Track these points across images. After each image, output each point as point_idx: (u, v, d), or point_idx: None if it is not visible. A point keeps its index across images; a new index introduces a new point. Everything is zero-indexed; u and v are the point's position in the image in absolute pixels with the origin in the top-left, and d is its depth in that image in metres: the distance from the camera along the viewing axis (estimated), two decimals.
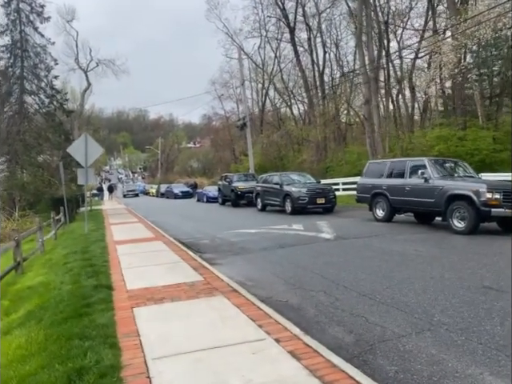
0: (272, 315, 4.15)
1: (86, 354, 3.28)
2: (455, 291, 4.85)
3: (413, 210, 11.13)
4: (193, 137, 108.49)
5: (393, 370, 3.11)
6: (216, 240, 10.14)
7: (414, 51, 24.29)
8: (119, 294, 5.22)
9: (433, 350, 3.38)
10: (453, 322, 3.92)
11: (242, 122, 29.34)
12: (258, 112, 44.61)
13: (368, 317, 4.22)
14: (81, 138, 12.09)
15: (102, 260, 7.48)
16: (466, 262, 6.35)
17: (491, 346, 3.35)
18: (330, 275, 5.99)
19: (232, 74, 45.84)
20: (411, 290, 5.00)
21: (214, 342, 3.51)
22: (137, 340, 3.65)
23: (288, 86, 40.16)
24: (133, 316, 4.33)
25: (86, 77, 42.04)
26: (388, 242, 8.53)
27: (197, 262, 7.11)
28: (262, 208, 18.05)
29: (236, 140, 50.68)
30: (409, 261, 6.64)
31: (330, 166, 27.56)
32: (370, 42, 22.03)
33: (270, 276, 6.27)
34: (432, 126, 26.22)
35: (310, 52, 32.30)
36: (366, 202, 12.39)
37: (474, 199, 8.71)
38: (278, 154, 34.71)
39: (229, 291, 5.13)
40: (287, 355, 3.21)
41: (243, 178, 23.75)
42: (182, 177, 66.75)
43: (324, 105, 30.16)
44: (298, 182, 16.58)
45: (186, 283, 5.63)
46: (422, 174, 10.13)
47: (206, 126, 74.98)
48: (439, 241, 8.40)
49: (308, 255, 7.57)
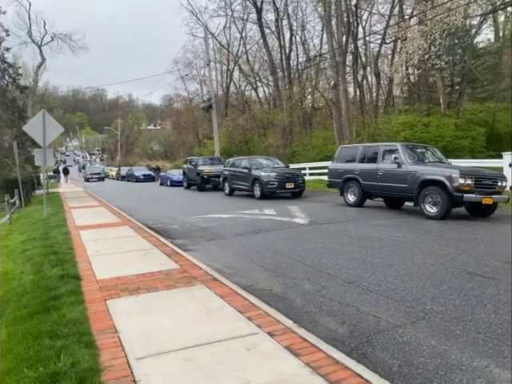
0: (260, 306, 3.90)
1: (59, 355, 2.89)
2: (441, 278, 4.80)
3: (385, 195, 11.19)
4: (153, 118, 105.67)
5: (395, 363, 2.95)
6: (186, 225, 9.76)
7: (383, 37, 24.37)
8: (89, 284, 4.80)
9: (432, 340, 3.25)
10: (446, 311, 3.82)
11: (207, 104, 28.63)
12: (222, 94, 43.80)
13: (359, 306, 4.06)
14: (38, 115, 11.20)
15: (66, 247, 6.95)
16: (445, 247, 6.36)
17: (491, 336, 3.27)
18: (310, 262, 5.82)
19: (196, 53, 44.66)
20: (397, 277, 4.90)
21: (202, 338, 3.22)
22: (115, 337, 3.30)
23: (254, 68, 39.59)
24: (107, 309, 3.95)
25: (40, 51, 39.48)
26: (363, 227, 8.48)
27: (169, 249, 6.74)
28: (229, 192, 17.74)
29: (200, 123, 49.76)
30: (388, 246, 6.58)
31: (297, 151, 27.50)
32: (339, 26, 21.87)
33: (248, 263, 6.02)
34: (396, 112, 26.69)
35: (277, 34, 31.80)
36: (338, 187, 12.35)
37: (446, 184, 8.80)
38: (244, 138, 34.29)
39: (209, 280, 4.84)
40: (285, 351, 2.98)
41: (209, 161, 23.26)
42: (143, 159, 65.02)
43: (290, 88, 29.87)
44: (267, 167, 16.36)
45: (161, 271, 5.28)
46: (395, 159, 10.14)
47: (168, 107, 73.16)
48: (413, 226, 8.44)
49: (285, 241, 7.38)
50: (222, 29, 39.15)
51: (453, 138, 19.98)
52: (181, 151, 58.03)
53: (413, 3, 23.29)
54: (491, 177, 9.33)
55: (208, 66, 29.63)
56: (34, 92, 38.34)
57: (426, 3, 17.26)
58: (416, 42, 16.13)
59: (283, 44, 31.95)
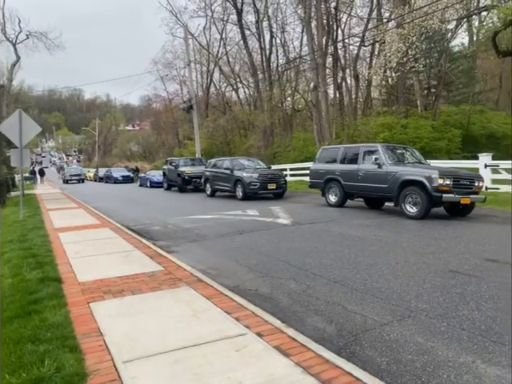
0: (247, 306, 3.88)
1: (42, 360, 2.80)
2: (424, 276, 4.87)
3: (365, 196, 11.32)
4: (132, 119, 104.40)
5: (384, 361, 2.97)
6: (168, 226, 9.65)
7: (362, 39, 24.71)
8: (71, 287, 4.68)
9: (419, 338, 3.29)
10: (430, 308, 3.88)
11: (187, 105, 28.42)
12: (202, 95, 43.61)
13: (345, 305, 4.09)
14: (14, 114, 10.89)
15: (45, 249, 6.76)
16: (426, 246, 6.48)
17: (475, 332, 3.33)
18: (295, 261, 5.83)
19: (176, 54, 44.43)
20: (381, 276, 4.95)
21: (190, 340, 3.17)
22: (100, 340, 3.22)
23: (234, 70, 39.56)
24: (91, 312, 3.86)
25: (15, 49, 38.46)
26: (345, 227, 8.56)
27: (152, 250, 6.65)
28: (211, 193, 17.65)
29: (180, 123, 49.42)
30: (370, 246, 6.65)
31: (278, 152, 27.60)
32: (319, 28, 22.06)
33: (232, 264, 5.98)
34: (375, 113, 27.10)
35: (257, 36, 31.85)
36: (319, 188, 12.44)
37: (426, 185, 8.97)
38: (225, 139, 34.20)
39: (194, 281, 4.78)
40: (274, 351, 2.96)
41: (190, 162, 23.09)
42: (122, 160, 64.19)
43: (271, 90, 29.96)
44: (249, 168, 16.35)
45: (144, 273, 5.19)
46: (375, 160, 10.28)
47: (147, 108, 72.34)
48: (394, 226, 8.57)
49: (268, 241, 7.37)
50: (202, 29, 39.11)
51: (430, 139, 20.43)
52: (160, 152, 57.50)
53: (391, 7, 23.72)
54: (469, 177, 9.56)
55: (188, 66, 29.44)
56: (8, 91, 37.31)
57: (404, 7, 17.58)
58: (394, 44, 16.41)
59: (263, 46, 32.03)
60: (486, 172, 13.08)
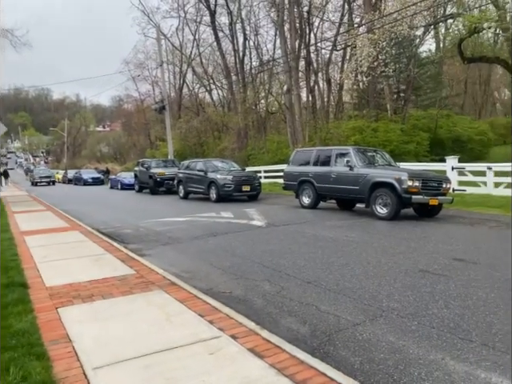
0: (221, 309, 3.85)
1: (7, 368, 2.69)
2: (395, 276, 4.97)
3: (338, 197, 11.48)
4: (102, 120, 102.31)
5: (357, 360, 3.00)
6: (140, 229, 9.48)
7: (334, 43, 25.10)
8: (38, 292, 4.52)
9: (390, 337, 3.35)
10: (401, 307, 3.96)
11: (160, 105, 28.08)
12: (175, 96, 43.21)
13: (318, 305, 4.12)
14: None
15: (10, 253, 6.52)
16: (397, 246, 6.62)
17: (444, 330, 3.42)
18: (269, 263, 5.83)
19: (148, 54, 43.85)
20: (354, 276, 5.02)
21: (163, 344, 3.11)
22: (69, 347, 3.12)
23: (207, 71, 39.39)
24: (59, 318, 3.73)
25: None
26: (318, 228, 8.65)
27: (123, 254, 6.51)
28: (184, 196, 17.47)
29: (152, 124, 48.76)
30: (342, 247, 6.74)
31: (252, 154, 27.64)
32: (292, 31, 22.26)
33: (206, 266, 5.93)
34: (346, 117, 27.57)
35: (230, 38, 31.84)
36: (293, 190, 12.53)
37: (396, 186, 9.18)
38: (198, 141, 33.98)
39: (167, 284, 4.71)
40: (249, 353, 2.94)
41: (162, 164, 22.81)
42: (91, 162, 62.71)
43: (244, 92, 30.00)
44: (223, 169, 16.27)
45: (115, 277, 5.07)
46: (347, 163, 10.44)
47: (118, 108, 71.07)
48: (365, 226, 8.72)
49: (243, 243, 7.36)
50: (175, 30, 38.78)
51: (399, 142, 20.93)
52: (132, 153, 56.58)
53: (362, 12, 24.21)
54: (437, 179, 9.85)
55: (160, 67, 29.11)
56: None
57: (374, 13, 17.98)
58: (365, 49, 16.75)
59: (237, 48, 32.04)
60: (453, 174, 13.50)
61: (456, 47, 16.47)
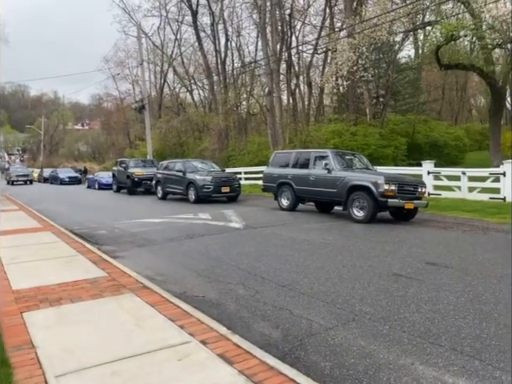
0: (193, 313, 3.78)
1: None
2: (369, 279, 5.00)
3: (316, 200, 11.52)
4: (81, 118, 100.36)
5: (327, 366, 2.99)
6: (115, 231, 9.30)
7: (315, 47, 25.27)
8: (3, 295, 4.36)
9: (362, 341, 3.35)
10: (374, 311, 3.97)
11: (139, 105, 27.73)
12: (155, 95, 42.76)
13: (292, 309, 4.09)
14: None
15: None
16: (372, 249, 6.67)
17: (414, 334, 3.43)
18: (245, 266, 5.79)
19: (128, 53, 43.27)
20: (328, 280, 5.03)
21: (130, 350, 3.03)
22: (32, 353, 3.00)
23: (189, 71, 39.12)
24: (23, 323, 3.61)
25: None
26: (296, 230, 8.65)
27: (96, 255, 6.36)
28: (162, 196, 17.27)
29: (131, 123, 48.17)
30: (319, 249, 6.75)
31: (232, 155, 27.55)
32: (273, 33, 22.31)
33: (180, 269, 5.85)
34: (326, 120, 27.80)
35: (212, 38, 31.70)
36: (272, 191, 12.53)
37: (372, 190, 9.26)
38: (178, 141, 33.68)
39: (139, 288, 4.62)
40: (218, 359, 2.89)
41: (141, 163, 22.52)
42: (69, 161, 61.49)
43: (226, 93, 29.91)
44: (202, 170, 16.17)
45: (86, 280, 4.95)
46: (325, 165, 10.49)
47: (97, 107, 69.92)
48: (342, 229, 8.77)
49: (219, 245, 7.29)
50: (157, 29, 38.34)
51: (377, 146, 21.20)
52: (110, 153, 55.77)
53: (343, 17, 24.46)
54: (412, 183, 9.99)
55: (141, 65, 28.74)
56: None
57: (355, 17, 18.19)
58: (345, 53, 16.92)
59: (219, 48, 31.92)
60: (429, 178, 13.73)
61: (433, 54, 16.79)
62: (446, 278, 5.04)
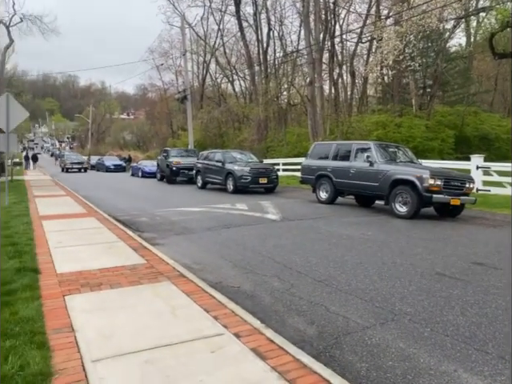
0: (227, 305, 3.77)
1: (6, 357, 2.67)
2: (410, 278, 4.80)
3: (356, 193, 11.24)
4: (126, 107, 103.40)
5: (364, 367, 2.88)
6: (156, 218, 9.50)
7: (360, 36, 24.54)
8: (47, 278, 4.54)
9: (401, 343, 3.20)
10: (415, 312, 3.80)
11: (182, 95, 28.10)
12: (197, 86, 43.21)
13: (328, 306, 3.99)
14: (1, 99, 10.64)
15: (26, 238, 6.60)
16: (414, 247, 6.41)
17: (458, 339, 3.25)
18: (281, 259, 5.73)
19: (172, 43, 43.89)
20: (367, 277, 4.87)
21: (164, 339, 3.05)
22: (71, 337, 3.09)
23: (230, 61, 39.20)
24: (65, 306, 3.72)
25: (8, 32, 37.64)
26: (334, 224, 8.47)
27: (136, 242, 6.51)
28: (202, 186, 17.49)
29: (174, 114, 49.03)
30: (358, 245, 6.57)
31: (271, 146, 27.44)
32: (317, 22, 21.85)
33: (217, 259, 5.87)
34: (370, 111, 27.03)
35: (255, 28, 31.53)
36: (310, 184, 12.35)
37: (417, 185, 8.90)
38: (219, 131, 33.95)
39: (176, 276, 4.66)
40: (251, 354, 2.85)
41: (182, 153, 22.76)
42: (114, 149, 63.59)
43: (267, 83, 29.73)
44: (241, 161, 16.19)
45: (125, 266, 5.06)
46: (367, 158, 10.19)
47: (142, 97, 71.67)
48: (383, 225, 8.50)
49: (255, 237, 7.26)
50: (200, 19, 38.62)
51: (423, 138, 20.41)
52: (154, 142, 57.09)
53: (390, 4, 23.55)
54: (460, 178, 9.51)
55: (184, 56, 29.06)
56: (1, 74, 36.63)
57: (403, 4, 17.43)
58: (391, 42, 16.28)
59: (261, 38, 31.74)
60: (478, 174, 13.05)
61: (487, 42, 15.83)
62: (494, 279, 4.75)
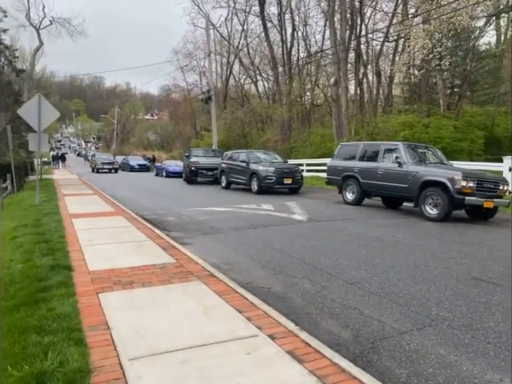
0: (259, 306, 3.73)
1: (46, 353, 2.70)
2: (446, 282, 4.65)
3: (384, 195, 11.04)
4: (150, 108, 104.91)
5: (404, 373, 2.79)
6: (182, 218, 9.55)
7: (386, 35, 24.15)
8: (80, 275, 4.60)
9: (441, 349, 3.10)
10: (453, 318, 3.68)
11: (206, 96, 28.29)
12: (221, 87, 43.42)
13: (361, 309, 3.91)
14: (33, 99, 10.91)
15: (58, 235, 6.73)
16: (447, 250, 6.23)
17: (501, 347, 3.12)
18: (310, 260, 5.66)
19: (196, 44, 44.18)
20: (400, 280, 4.75)
21: (199, 339, 3.04)
22: (107, 334, 3.11)
23: (254, 62, 39.24)
24: (99, 303, 3.76)
25: (38, 35, 38.76)
26: (362, 226, 8.33)
27: (165, 241, 6.55)
28: (226, 186, 17.53)
29: (198, 114, 49.37)
30: (388, 247, 6.43)
31: (295, 147, 27.29)
32: (342, 21, 21.62)
33: (245, 259, 5.85)
34: (395, 111, 26.55)
35: (279, 28, 31.45)
36: (336, 185, 12.20)
37: (448, 186, 8.67)
38: (242, 132, 33.99)
39: (206, 276, 4.66)
40: (287, 356, 2.81)
41: (205, 153, 22.61)
42: (139, 149, 64.50)
43: (290, 84, 29.60)
44: (265, 161, 16.13)
45: (155, 265, 5.08)
46: (396, 159, 9.99)
47: (166, 97, 72.51)
48: (413, 227, 8.31)
49: (283, 237, 7.21)
50: (224, 20, 38.76)
51: (452, 139, 19.88)
52: (177, 142, 57.61)
53: (417, 2, 23.08)
54: (493, 180, 9.21)
55: (208, 57, 29.27)
56: (30, 76, 37.70)
57: (432, 2, 17.06)
58: (420, 41, 15.95)
59: (285, 38, 31.62)
60: (510, 175, 12.61)
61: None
62: None
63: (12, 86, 22.07)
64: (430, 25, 15.74)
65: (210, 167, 19.62)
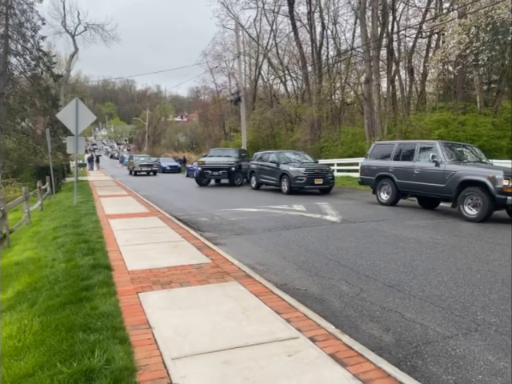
0: (298, 307, 3.70)
1: (93, 350, 2.78)
2: (490, 286, 4.48)
3: (420, 195, 10.75)
4: (180, 110, 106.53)
5: (451, 380, 2.70)
6: (215, 218, 9.63)
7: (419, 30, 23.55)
8: (120, 275, 4.71)
9: (489, 355, 2.98)
10: (500, 322, 3.53)
11: (235, 97, 28.45)
12: (250, 88, 43.55)
13: (402, 312, 3.81)
14: (71, 103, 11.28)
15: (96, 235, 6.92)
16: (490, 252, 6.00)
17: None
18: (346, 262, 5.58)
19: (225, 46, 44.49)
20: (441, 283, 4.61)
21: (239, 340, 3.04)
22: (149, 333, 3.16)
23: (283, 62, 39.14)
24: (139, 303, 3.83)
25: (74, 41, 40.07)
26: (399, 227, 8.15)
27: (200, 242, 6.62)
28: (256, 186, 17.55)
29: (227, 115, 49.68)
30: (427, 249, 6.26)
31: (325, 146, 27.04)
32: (374, 18, 21.24)
33: (280, 260, 5.83)
34: (429, 109, 25.85)
35: (308, 27, 31.23)
36: (370, 185, 11.99)
37: (489, 186, 8.35)
38: (271, 132, 33.96)
39: (242, 276, 4.67)
40: (329, 359, 2.77)
41: (218, 153, 21.39)
42: (169, 151, 65.58)
43: (320, 83, 29.33)
44: (296, 161, 16.04)
45: (192, 265, 5.14)
46: (432, 158, 9.72)
47: (195, 99, 73.42)
48: (452, 228, 8.05)
49: (317, 238, 7.14)
50: (253, 21, 38.89)
51: (490, 137, 19.17)
52: (207, 144, 58.18)
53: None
54: None
55: (238, 58, 29.42)
56: (66, 81, 39.06)
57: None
58: (456, 36, 15.45)
59: (314, 37, 31.37)
60: None
61: None
62: None
63: (50, 91, 22.89)
64: (467, 19, 15.21)
65: (216, 167, 19.13)
